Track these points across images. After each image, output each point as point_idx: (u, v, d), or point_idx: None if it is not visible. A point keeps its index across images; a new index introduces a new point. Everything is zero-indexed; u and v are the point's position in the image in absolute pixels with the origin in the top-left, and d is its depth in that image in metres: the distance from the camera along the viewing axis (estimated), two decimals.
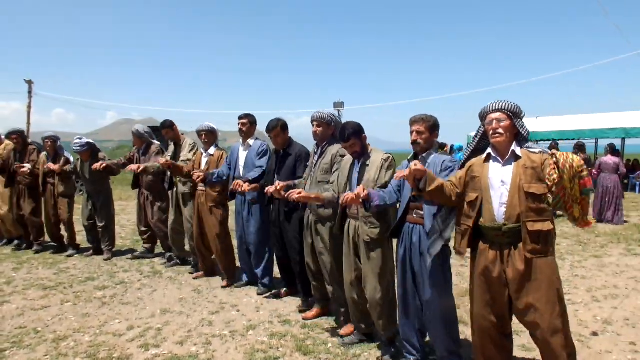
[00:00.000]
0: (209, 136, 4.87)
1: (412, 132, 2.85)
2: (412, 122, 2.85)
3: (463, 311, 3.97)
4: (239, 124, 4.60)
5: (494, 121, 2.40)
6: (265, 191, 3.59)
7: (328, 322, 3.81)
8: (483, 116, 2.50)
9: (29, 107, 22.24)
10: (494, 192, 2.39)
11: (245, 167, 4.49)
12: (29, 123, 21.92)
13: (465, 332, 3.60)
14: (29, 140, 6.46)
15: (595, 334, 3.55)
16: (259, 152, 4.49)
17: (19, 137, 6.17)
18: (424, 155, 2.86)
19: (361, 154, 3.19)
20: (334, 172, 3.49)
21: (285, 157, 4.11)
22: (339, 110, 25.17)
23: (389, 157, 3.16)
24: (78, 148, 5.69)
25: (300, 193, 3.17)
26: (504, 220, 2.34)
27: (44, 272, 5.33)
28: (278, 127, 4.08)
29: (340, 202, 2.94)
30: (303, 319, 3.82)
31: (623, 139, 13.27)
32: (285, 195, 3.25)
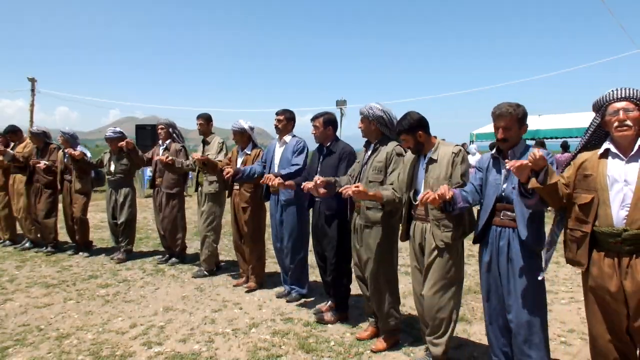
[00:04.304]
0: (241, 136, 4.64)
1: (497, 129, 2.51)
2: (497, 117, 2.48)
3: (465, 309, 3.98)
4: (275, 119, 4.31)
5: (620, 111, 2.06)
6: (302, 186, 3.32)
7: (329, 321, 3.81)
8: (602, 105, 2.15)
9: (32, 105, 22.26)
10: (614, 193, 2.06)
11: (280, 165, 4.22)
12: (32, 121, 21.95)
13: (467, 330, 3.60)
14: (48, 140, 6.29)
15: None
16: (295, 150, 4.20)
17: (40, 139, 6.11)
18: (514, 149, 2.53)
19: (417, 150, 2.89)
20: (392, 172, 3.14)
21: (327, 154, 3.83)
22: (341, 109, 25.13)
23: (460, 149, 2.82)
24: (111, 134, 5.73)
25: (358, 187, 2.84)
26: (625, 224, 2.01)
27: (46, 269, 5.34)
28: (320, 119, 3.82)
29: (417, 201, 2.61)
30: (357, 338, 3.39)
31: None
32: (340, 191, 2.95)
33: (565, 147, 10.01)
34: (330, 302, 3.89)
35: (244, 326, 3.69)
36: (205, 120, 5.25)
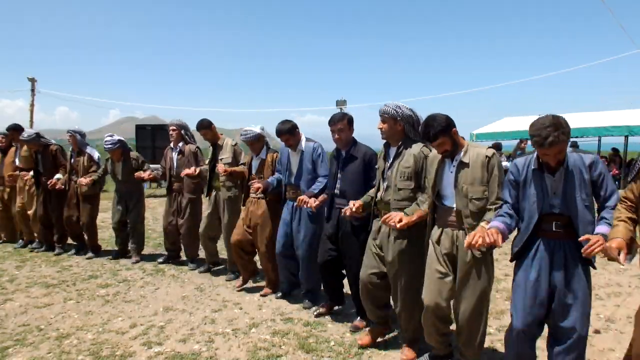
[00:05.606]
0: (256, 143, 4.42)
1: (545, 155, 2.28)
2: (548, 147, 2.18)
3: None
4: (282, 140, 4.12)
5: None
6: (342, 213, 3.23)
7: (330, 319, 3.83)
8: None
9: (32, 105, 22.25)
10: None
11: (297, 173, 4.05)
12: (32, 121, 21.95)
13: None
14: (44, 141, 6.11)
15: (597, 331, 3.55)
16: (315, 157, 3.98)
17: (36, 143, 5.95)
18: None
19: (453, 151, 2.70)
20: (424, 179, 2.96)
21: (348, 159, 3.54)
22: (341, 109, 25.11)
23: (493, 153, 2.62)
24: (110, 146, 5.48)
25: (401, 220, 2.75)
26: None
27: (46, 269, 5.35)
28: (345, 120, 3.53)
29: (465, 245, 2.40)
30: (360, 345, 3.27)
31: (626, 137, 13.15)
32: (383, 222, 2.86)
33: (574, 147, 9.96)
34: (325, 303, 3.88)
35: (244, 326, 3.69)
36: (208, 128, 4.97)
